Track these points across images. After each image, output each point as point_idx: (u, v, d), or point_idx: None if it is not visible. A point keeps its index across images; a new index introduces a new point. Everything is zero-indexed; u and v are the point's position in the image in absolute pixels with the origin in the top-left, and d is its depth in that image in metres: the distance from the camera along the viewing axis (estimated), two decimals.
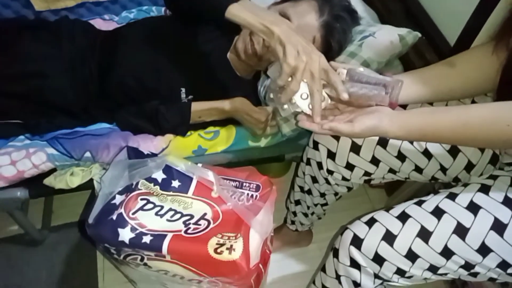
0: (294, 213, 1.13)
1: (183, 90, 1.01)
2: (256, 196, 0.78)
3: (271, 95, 0.77)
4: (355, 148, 0.86)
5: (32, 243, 1.20)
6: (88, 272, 1.18)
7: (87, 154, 0.95)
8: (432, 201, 0.73)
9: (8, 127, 0.97)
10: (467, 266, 0.69)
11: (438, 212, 0.71)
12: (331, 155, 0.89)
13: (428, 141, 0.77)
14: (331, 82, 0.73)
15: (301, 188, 1.05)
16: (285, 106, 0.76)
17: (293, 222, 1.18)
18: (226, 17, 0.77)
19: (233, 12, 0.76)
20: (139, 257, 0.73)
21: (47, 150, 0.94)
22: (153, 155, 0.83)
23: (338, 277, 0.78)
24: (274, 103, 0.82)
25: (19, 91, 0.94)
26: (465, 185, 0.75)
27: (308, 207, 1.07)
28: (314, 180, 0.98)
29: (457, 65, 0.79)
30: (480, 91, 0.80)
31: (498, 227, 0.67)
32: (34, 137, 0.97)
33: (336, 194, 1.01)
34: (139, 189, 0.75)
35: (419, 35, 1.04)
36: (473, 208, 0.69)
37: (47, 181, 0.95)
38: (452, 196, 0.72)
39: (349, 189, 0.98)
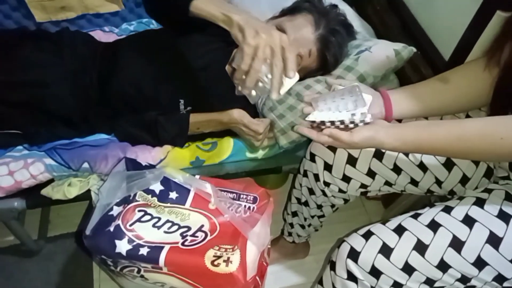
0: (291, 225, 1.14)
1: (182, 101, 1.01)
2: (253, 208, 0.78)
3: (239, 88, 0.76)
4: (352, 161, 0.86)
5: (28, 253, 1.20)
6: (84, 282, 1.18)
7: (85, 165, 0.95)
8: (428, 214, 0.74)
9: (6, 137, 0.97)
10: (464, 279, 0.70)
11: (434, 225, 0.71)
12: (328, 167, 0.89)
13: (423, 153, 0.78)
14: (284, 58, 0.72)
15: (298, 200, 1.05)
16: (253, 92, 0.76)
17: (290, 234, 1.18)
18: (190, 11, 0.78)
19: (198, 6, 0.77)
20: (136, 269, 0.73)
21: (45, 160, 0.94)
22: (151, 166, 0.83)
23: None
24: (251, 98, 0.81)
25: (19, 100, 0.94)
26: (461, 198, 0.76)
27: (305, 219, 1.08)
28: (311, 192, 0.98)
29: (450, 81, 0.81)
30: (473, 105, 0.82)
31: (493, 240, 0.68)
32: (32, 147, 0.97)
33: (333, 206, 1.01)
34: (137, 201, 0.75)
35: (414, 50, 1.06)
36: (469, 221, 0.70)
37: (45, 191, 0.95)
38: (447, 209, 0.73)
39: (346, 201, 0.98)
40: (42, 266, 1.18)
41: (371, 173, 0.87)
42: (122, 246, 0.69)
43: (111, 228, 0.70)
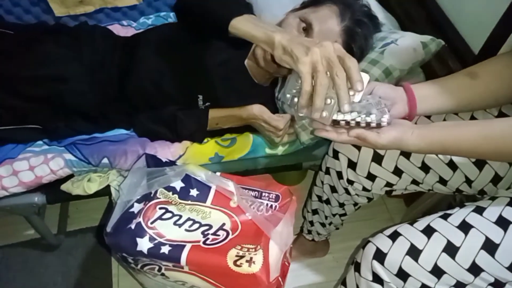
0: (311, 223, 1.11)
1: (201, 97, 1.00)
2: (276, 206, 0.76)
3: (303, 113, 0.69)
4: (377, 158, 0.83)
5: (48, 247, 1.21)
6: (103, 277, 1.18)
7: (105, 160, 0.95)
8: (458, 214, 0.71)
9: (26, 132, 0.97)
10: (497, 284, 0.67)
11: (465, 227, 0.68)
12: (352, 165, 0.87)
13: (450, 154, 0.76)
14: (346, 68, 0.65)
15: (319, 198, 1.03)
16: (324, 113, 0.68)
17: (309, 232, 1.15)
18: (229, 31, 0.76)
19: (236, 25, 0.75)
20: (157, 267, 0.72)
21: (65, 156, 0.94)
22: (171, 162, 0.82)
23: None
24: (293, 111, 0.79)
25: (38, 95, 0.94)
26: (493, 198, 0.73)
27: (326, 217, 1.05)
28: (333, 189, 0.96)
29: (479, 75, 0.77)
30: (503, 101, 0.78)
31: None
32: (52, 142, 0.97)
33: (355, 204, 0.99)
34: (158, 198, 0.74)
35: (443, 42, 1.02)
36: (503, 222, 0.67)
37: (65, 187, 0.95)
38: (479, 210, 0.70)
39: (370, 199, 0.96)
40: (62, 260, 1.19)
41: (397, 172, 0.84)
42: (144, 244, 0.68)
43: (132, 226, 0.69)
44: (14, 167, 0.92)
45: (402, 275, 0.69)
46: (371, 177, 0.86)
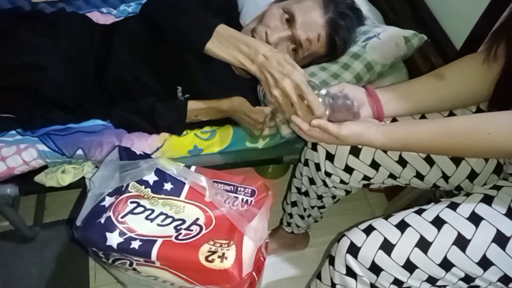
0: (290, 215, 1.11)
1: (180, 88, 0.98)
2: (251, 201, 0.75)
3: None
4: (355, 151, 0.83)
5: (23, 239, 1.18)
6: (79, 270, 1.16)
7: (79, 151, 0.92)
8: (432, 210, 0.71)
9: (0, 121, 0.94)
10: (467, 279, 0.67)
11: (438, 222, 0.68)
12: (330, 157, 0.86)
13: (411, 150, 0.78)
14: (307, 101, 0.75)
15: (298, 190, 1.03)
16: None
17: (289, 224, 1.15)
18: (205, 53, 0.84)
19: (211, 51, 0.83)
20: (128, 262, 0.70)
21: (38, 146, 0.91)
22: (146, 155, 0.80)
23: (333, 285, 0.76)
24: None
25: (14, 83, 0.92)
26: (467, 194, 0.73)
27: (305, 209, 1.05)
28: (312, 181, 0.95)
29: (446, 77, 0.78)
30: (470, 102, 0.79)
31: (500, 239, 0.65)
32: (25, 132, 0.94)
33: (334, 197, 0.99)
34: (130, 192, 0.72)
35: (425, 37, 1.01)
36: (475, 219, 0.67)
37: (38, 178, 0.93)
38: (453, 206, 0.70)
39: (348, 192, 0.95)
40: (37, 253, 1.17)
41: (375, 165, 0.84)
42: (113, 239, 0.66)
43: (102, 220, 0.68)
44: None
45: (375, 269, 0.69)
46: (348, 169, 0.85)
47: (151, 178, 0.75)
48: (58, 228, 1.22)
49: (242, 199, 0.75)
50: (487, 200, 0.69)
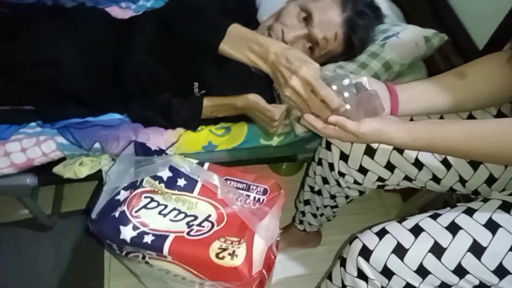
0: (303, 213, 1.11)
1: (196, 84, 0.98)
2: (263, 200, 0.76)
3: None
4: (370, 152, 0.82)
5: (41, 228, 1.21)
6: (95, 260, 1.19)
7: (97, 145, 0.94)
8: (448, 215, 0.70)
9: (20, 113, 0.97)
10: (482, 286, 0.66)
11: (453, 228, 0.67)
12: (344, 157, 0.85)
13: (435, 151, 0.74)
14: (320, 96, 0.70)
15: (311, 188, 1.02)
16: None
17: (301, 222, 1.15)
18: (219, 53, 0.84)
19: (225, 51, 0.84)
20: (141, 255, 0.72)
21: (57, 139, 0.93)
22: (161, 151, 0.81)
23: (344, 286, 0.76)
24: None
25: (32, 78, 0.94)
26: (485, 200, 0.71)
27: (317, 208, 1.05)
28: (325, 181, 0.95)
29: (467, 76, 0.75)
30: (491, 103, 0.77)
31: None
32: (45, 125, 0.96)
33: (347, 197, 0.98)
34: (144, 187, 0.73)
35: (446, 37, 0.99)
36: (492, 226, 0.66)
37: (56, 169, 0.95)
38: (470, 212, 0.69)
39: (361, 193, 0.95)
40: (54, 242, 1.20)
41: (390, 166, 0.82)
42: (127, 233, 0.68)
43: (116, 214, 0.69)
44: (6, 148, 0.92)
45: (387, 273, 0.69)
46: (363, 170, 0.84)
47: (165, 173, 0.76)
48: (75, 218, 1.25)
49: (254, 198, 0.75)
50: (506, 207, 0.68)
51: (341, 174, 0.88)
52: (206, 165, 0.79)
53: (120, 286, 1.16)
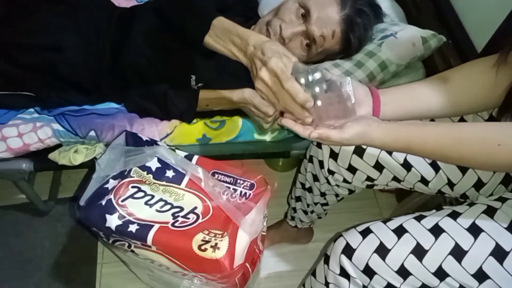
0: (294, 209, 1.12)
1: (193, 77, 0.99)
2: (250, 194, 0.76)
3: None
4: (359, 151, 0.82)
5: (38, 212, 1.24)
6: (89, 246, 1.21)
7: (92, 133, 0.95)
8: (432, 218, 0.70)
9: (19, 98, 0.98)
10: None
11: (436, 230, 0.67)
12: (334, 155, 0.86)
13: (413, 153, 0.71)
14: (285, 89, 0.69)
15: (303, 185, 1.03)
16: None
17: (293, 218, 1.16)
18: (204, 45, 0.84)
19: (209, 44, 0.84)
20: (127, 244, 0.73)
21: (53, 125, 0.95)
22: (152, 141, 0.82)
23: (327, 284, 0.77)
24: None
25: (32, 62, 0.94)
26: (471, 204, 0.71)
27: (308, 205, 1.05)
28: (315, 178, 0.95)
29: (451, 80, 0.74)
30: (478, 108, 0.75)
31: (499, 253, 0.63)
32: (42, 111, 0.98)
33: (337, 195, 0.98)
34: (132, 177, 0.74)
35: (444, 39, 0.98)
36: (475, 230, 0.66)
37: (52, 156, 0.96)
38: (454, 215, 0.69)
39: (351, 191, 0.95)
40: (50, 226, 1.22)
41: (378, 167, 0.82)
42: (112, 221, 0.69)
43: (103, 202, 0.70)
44: (3, 133, 0.93)
45: (369, 272, 0.69)
46: (352, 169, 0.85)
47: (154, 164, 0.76)
48: (71, 204, 1.27)
49: (241, 192, 0.76)
50: (490, 212, 0.68)
51: (331, 172, 0.88)
52: (195, 157, 0.80)
53: (112, 272, 1.18)
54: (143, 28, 1.00)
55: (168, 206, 0.72)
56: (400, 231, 0.69)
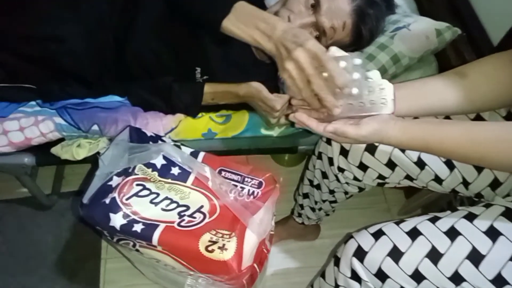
0: (301, 206, 1.09)
1: (199, 70, 0.96)
2: (258, 193, 0.74)
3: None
4: (371, 149, 0.79)
5: (41, 207, 1.22)
6: (92, 241, 1.20)
7: (95, 127, 0.93)
8: (447, 219, 0.67)
9: (21, 91, 0.96)
10: None
11: (452, 233, 0.65)
12: (344, 152, 0.83)
13: (430, 152, 0.70)
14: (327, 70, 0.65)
15: (311, 182, 1.00)
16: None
17: (300, 215, 1.14)
18: (221, 32, 0.78)
19: (227, 29, 0.77)
20: (131, 243, 0.71)
21: (55, 119, 0.92)
22: (157, 137, 0.80)
23: (337, 286, 0.75)
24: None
25: (33, 54, 0.92)
26: (487, 205, 0.69)
27: (316, 202, 1.03)
28: (324, 175, 0.93)
29: (468, 76, 0.71)
30: (496, 105, 0.73)
31: None
32: (44, 104, 0.95)
33: (346, 193, 0.96)
34: (136, 174, 0.72)
35: (459, 31, 0.94)
36: (493, 233, 0.63)
37: (54, 150, 0.94)
38: (470, 217, 0.66)
39: (361, 189, 0.92)
40: (54, 221, 1.21)
41: (391, 164, 0.80)
42: (117, 220, 0.67)
43: (107, 200, 0.68)
44: (4, 127, 0.91)
45: (381, 276, 0.67)
46: (363, 167, 0.82)
47: (159, 161, 0.74)
48: (74, 198, 1.25)
49: (249, 190, 0.74)
50: (509, 214, 0.65)
51: (341, 170, 0.86)
52: (201, 154, 0.78)
53: (116, 268, 1.16)
54: (148, 17, 0.97)
55: (174, 205, 0.70)
56: (414, 234, 0.67)
